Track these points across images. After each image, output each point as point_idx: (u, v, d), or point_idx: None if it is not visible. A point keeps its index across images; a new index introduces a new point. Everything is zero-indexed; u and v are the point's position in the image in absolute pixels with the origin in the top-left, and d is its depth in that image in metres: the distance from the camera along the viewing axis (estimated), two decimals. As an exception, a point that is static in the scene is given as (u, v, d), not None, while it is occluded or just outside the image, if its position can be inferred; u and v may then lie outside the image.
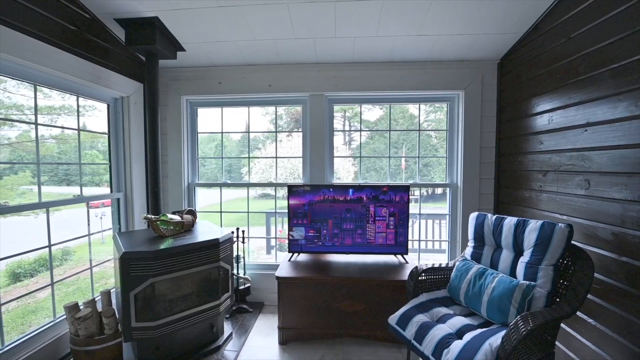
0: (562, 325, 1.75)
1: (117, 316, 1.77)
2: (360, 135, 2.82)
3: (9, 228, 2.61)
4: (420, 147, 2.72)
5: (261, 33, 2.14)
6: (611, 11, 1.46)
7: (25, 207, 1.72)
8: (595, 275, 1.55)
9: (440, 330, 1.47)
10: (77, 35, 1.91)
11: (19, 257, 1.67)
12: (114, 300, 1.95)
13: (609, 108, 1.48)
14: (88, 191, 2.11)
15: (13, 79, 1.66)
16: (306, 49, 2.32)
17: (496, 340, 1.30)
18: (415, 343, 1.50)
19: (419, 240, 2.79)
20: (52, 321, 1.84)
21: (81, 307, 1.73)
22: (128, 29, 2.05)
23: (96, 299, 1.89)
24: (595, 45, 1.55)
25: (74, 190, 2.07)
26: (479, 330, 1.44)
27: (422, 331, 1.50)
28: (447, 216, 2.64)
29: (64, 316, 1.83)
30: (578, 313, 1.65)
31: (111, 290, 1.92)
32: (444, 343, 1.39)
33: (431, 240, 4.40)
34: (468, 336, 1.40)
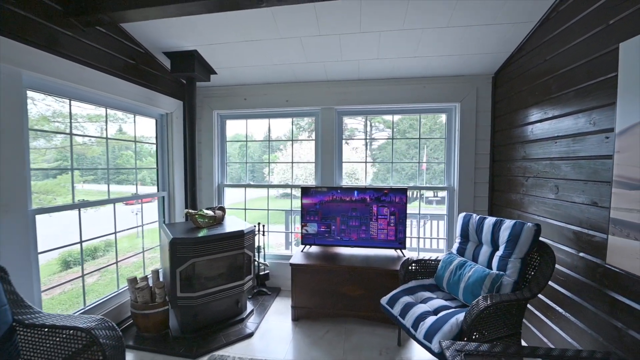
0: (537, 313, 1.99)
1: (165, 289, 2.24)
2: (366, 143, 3.14)
3: (57, 222, 3.00)
4: (438, 151, 2.98)
5: (279, 59, 2.54)
6: (574, 40, 1.70)
7: (99, 202, 2.24)
8: (562, 269, 1.79)
9: (420, 308, 1.78)
10: (135, 67, 2.42)
11: (69, 247, 2.05)
12: (161, 278, 2.44)
13: (572, 124, 1.72)
14: (123, 189, 2.60)
15: (96, 106, 2.18)
16: (317, 70, 2.69)
17: (462, 315, 1.60)
18: (399, 318, 1.82)
19: (418, 238, 3.07)
20: (116, 291, 2.36)
21: (138, 281, 2.22)
22: (173, 59, 2.54)
23: (148, 276, 2.38)
24: (564, 69, 1.79)
25: (108, 188, 2.47)
26: (452, 309, 1.74)
27: (406, 309, 1.82)
28: (445, 216, 2.90)
29: (126, 287, 2.34)
30: (549, 302, 1.89)
31: (159, 270, 2.40)
32: (421, 317, 1.71)
33: (429, 238, 4.59)
34: (442, 313, 1.71)
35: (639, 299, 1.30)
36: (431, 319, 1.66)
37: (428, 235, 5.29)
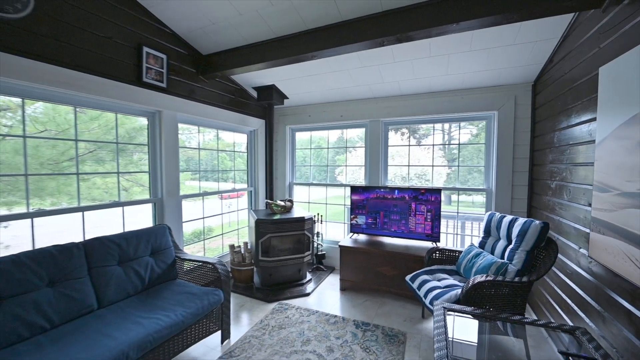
0: (553, 303, 2.19)
1: (251, 254, 3.21)
2: (409, 150, 3.57)
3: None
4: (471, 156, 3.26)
5: (333, 85, 3.25)
6: (582, 57, 1.90)
7: (212, 193, 3.36)
8: (568, 262, 2.00)
9: (432, 284, 2.24)
10: (234, 99, 3.47)
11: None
12: (249, 246, 3.44)
13: (579, 133, 1.93)
14: (219, 185, 3.64)
15: (211, 129, 3.29)
16: (364, 90, 3.30)
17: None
18: (417, 290, 2.31)
19: (454, 234, 3.35)
20: (221, 254, 3.46)
21: (235, 247, 3.25)
22: (258, 91, 3.52)
23: (240, 245, 3.41)
24: (576, 83, 1.99)
25: (211, 185, 3.50)
26: (458, 287, 2.15)
27: (423, 283, 2.30)
28: (484, 216, 3.12)
29: (227, 253, 3.42)
30: (561, 294, 2.09)
31: (247, 242, 3.40)
32: (431, 289, 2.17)
33: (470, 235, 4.56)
34: (449, 288, 2.14)
35: (608, 284, 1.54)
36: (438, 290, 2.12)
37: (454, 231, 5.21)
